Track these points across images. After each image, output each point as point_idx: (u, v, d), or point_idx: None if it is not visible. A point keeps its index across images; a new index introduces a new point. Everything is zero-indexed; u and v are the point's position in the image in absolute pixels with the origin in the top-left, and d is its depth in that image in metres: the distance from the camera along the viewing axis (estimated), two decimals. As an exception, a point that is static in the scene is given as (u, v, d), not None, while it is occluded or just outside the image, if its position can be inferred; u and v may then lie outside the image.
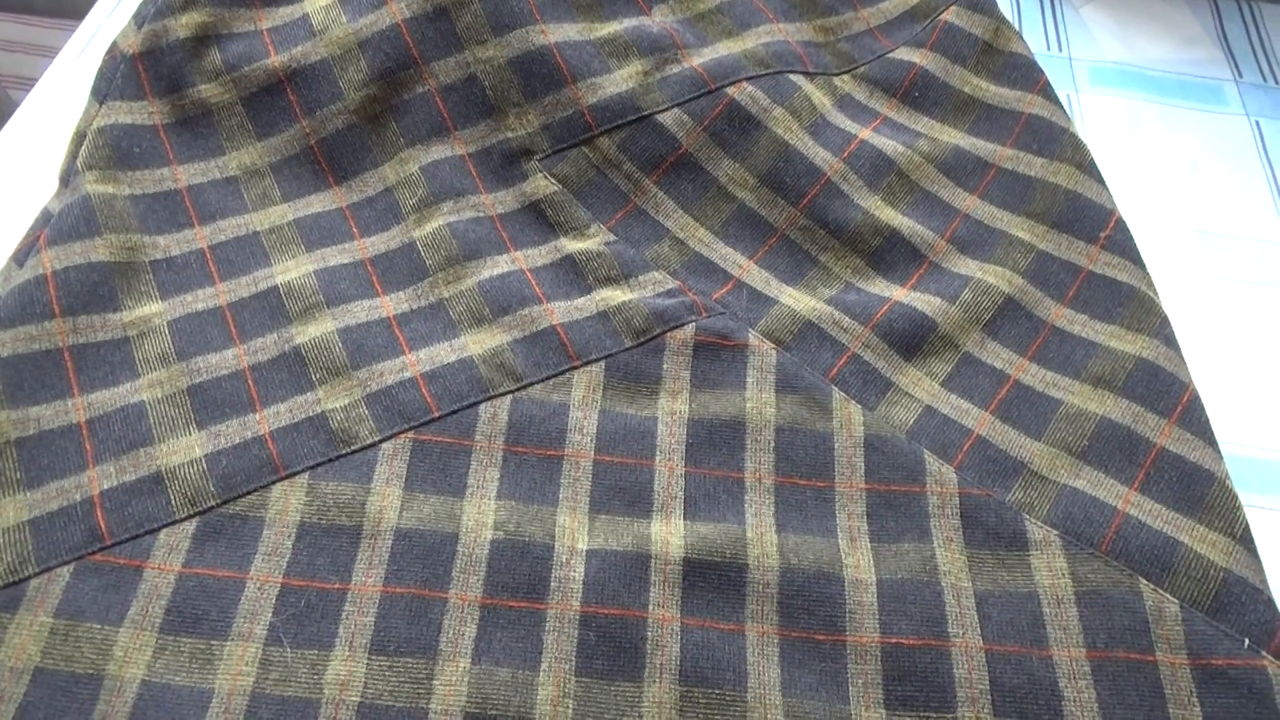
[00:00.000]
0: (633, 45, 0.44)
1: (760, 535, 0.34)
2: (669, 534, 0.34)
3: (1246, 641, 0.31)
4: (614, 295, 0.39)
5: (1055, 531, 0.34)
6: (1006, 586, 0.33)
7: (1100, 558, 0.34)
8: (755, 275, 0.41)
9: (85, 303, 0.36)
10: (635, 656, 0.31)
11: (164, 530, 0.32)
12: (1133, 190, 0.47)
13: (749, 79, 0.44)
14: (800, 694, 0.31)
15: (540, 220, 0.42)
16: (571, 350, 0.38)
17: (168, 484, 0.33)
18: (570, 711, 0.30)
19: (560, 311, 0.39)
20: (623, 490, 0.35)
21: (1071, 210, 0.43)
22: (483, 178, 0.42)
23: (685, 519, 0.34)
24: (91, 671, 0.30)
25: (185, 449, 0.34)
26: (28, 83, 0.82)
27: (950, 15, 0.49)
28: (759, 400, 0.37)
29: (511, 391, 0.37)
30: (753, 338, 0.39)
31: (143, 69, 0.42)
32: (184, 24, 0.43)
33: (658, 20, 0.47)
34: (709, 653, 0.32)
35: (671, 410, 0.37)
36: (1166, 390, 0.37)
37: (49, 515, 0.32)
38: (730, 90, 0.44)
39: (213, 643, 0.31)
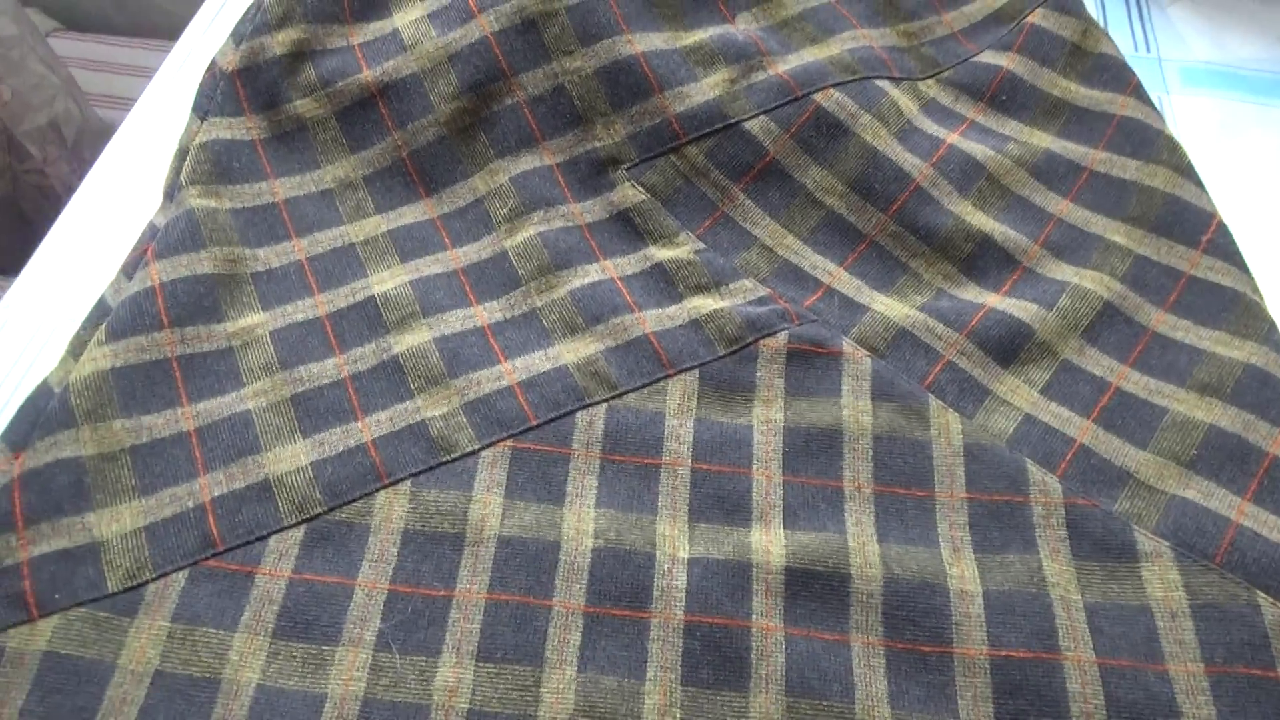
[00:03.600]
0: (719, 53, 0.44)
1: (862, 545, 0.34)
2: (769, 543, 0.34)
3: (1375, 658, 0.30)
4: (705, 303, 0.39)
5: (1166, 543, 0.33)
6: (1117, 599, 0.32)
7: (1215, 570, 0.33)
8: (846, 282, 0.41)
9: (191, 314, 0.37)
10: (741, 666, 0.31)
11: (274, 536, 0.33)
12: (1232, 193, 0.46)
13: (835, 85, 0.44)
14: (909, 706, 0.31)
15: (629, 229, 0.42)
16: (665, 358, 0.38)
17: (276, 491, 0.34)
18: (677, 720, 0.30)
19: (652, 320, 0.39)
20: (721, 499, 0.35)
21: (1170, 214, 0.42)
22: (571, 187, 0.42)
23: (785, 528, 0.34)
24: (209, 675, 0.30)
25: (291, 457, 0.35)
26: (114, 101, 0.85)
27: (1036, 17, 0.48)
28: (855, 408, 0.37)
29: (607, 400, 0.37)
30: (847, 345, 0.38)
31: (241, 86, 0.43)
32: (280, 41, 0.44)
33: (742, 28, 0.47)
34: (814, 663, 0.31)
35: (766, 418, 0.37)
36: (1277, 398, 0.36)
37: (164, 521, 0.33)
38: (817, 97, 0.43)
39: (324, 648, 0.31)
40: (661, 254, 0.41)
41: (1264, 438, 0.35)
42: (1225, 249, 0.40)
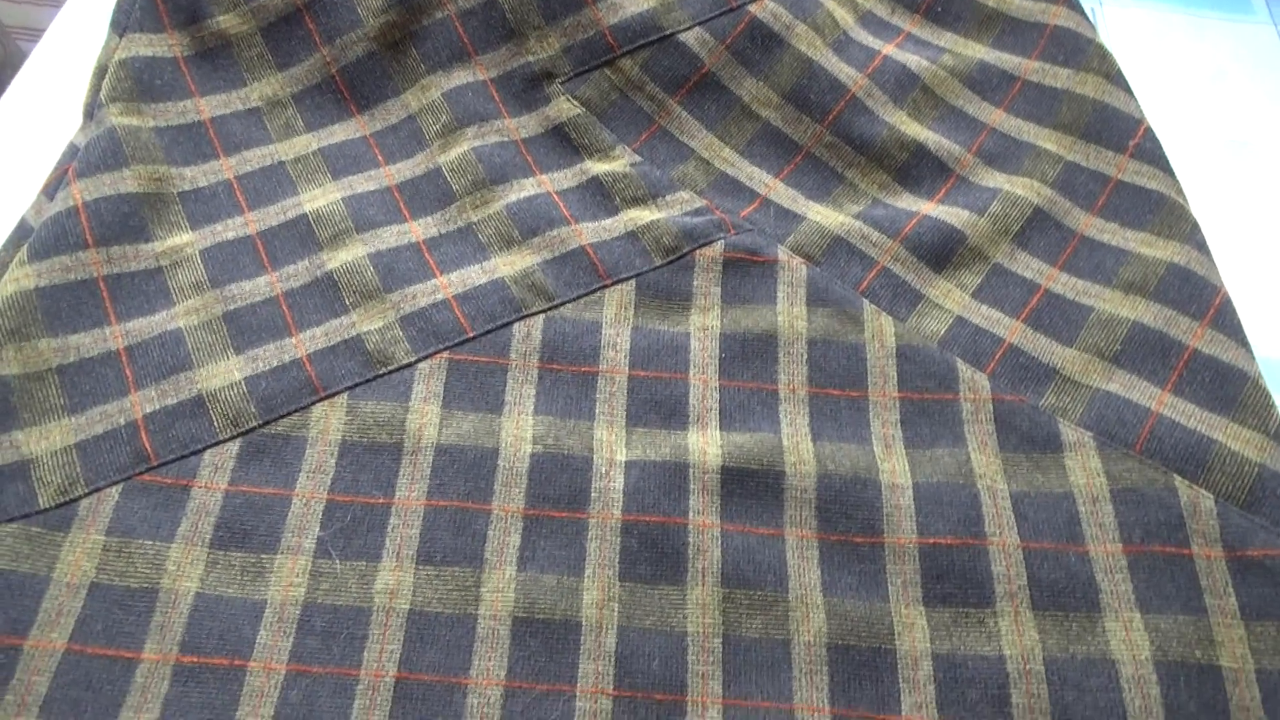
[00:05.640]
0: (652, -36, 0.44)
1: (796, 444, 0.34)
2: (706, 444, 0.34)
3: (1282, 533, 0.32)
4: (642, 215, 0.39)
5: (1089, 433, 0.34)
6: (1041, 487, 0.33)
7: (1134, 457, 0.34)
8: (782, 193, 0.41)
9: (117, 233, 0.37)
10: (677, 561, 0.32)
11: (208, 450, 0.33)
12: (1160, 102, 0.47)
13: (770, -4, 0.44)
14: (841, 594, 0.31)
15: (565, 143, 0.41)
16: (602, 269, 0.38)
17: (209, 406, 0.34)
18: (615, 614, 0.31)
19: (589, 232, 0.39)
20: (658, 404, 0.35)
21: (1099, 120, 0.42)
22: (505, 102, 0.42)
23: (721, 430, 0.35)
24: (146, 585, 0.30)
25: (224, 373, 0.34)
26: (35, 34, 0.81)
27: (972, -72, 0.48)
28: (790, 314, 0.37)
29: (544, 310, 0.37)
30: (782, 253, 0.39)
31: (160, 0, 0.42)
32: (199, -46, 0.42)
33: (676, -61, 0.46)
34: (749, 556, 0.32)
35: (703, 325, 0.37)
36: (1198, 294, 0.37)
37: (94, 438, 0.33)
38: (752, 8, 0.43)
39: (263, 556, 0.31)
40: (597, 168, 0.41)
41: (1184, 332, 0.36)
42: (1152, 153, 0.41)
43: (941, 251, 0.39)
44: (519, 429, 0.34)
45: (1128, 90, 0.43)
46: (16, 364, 0.33)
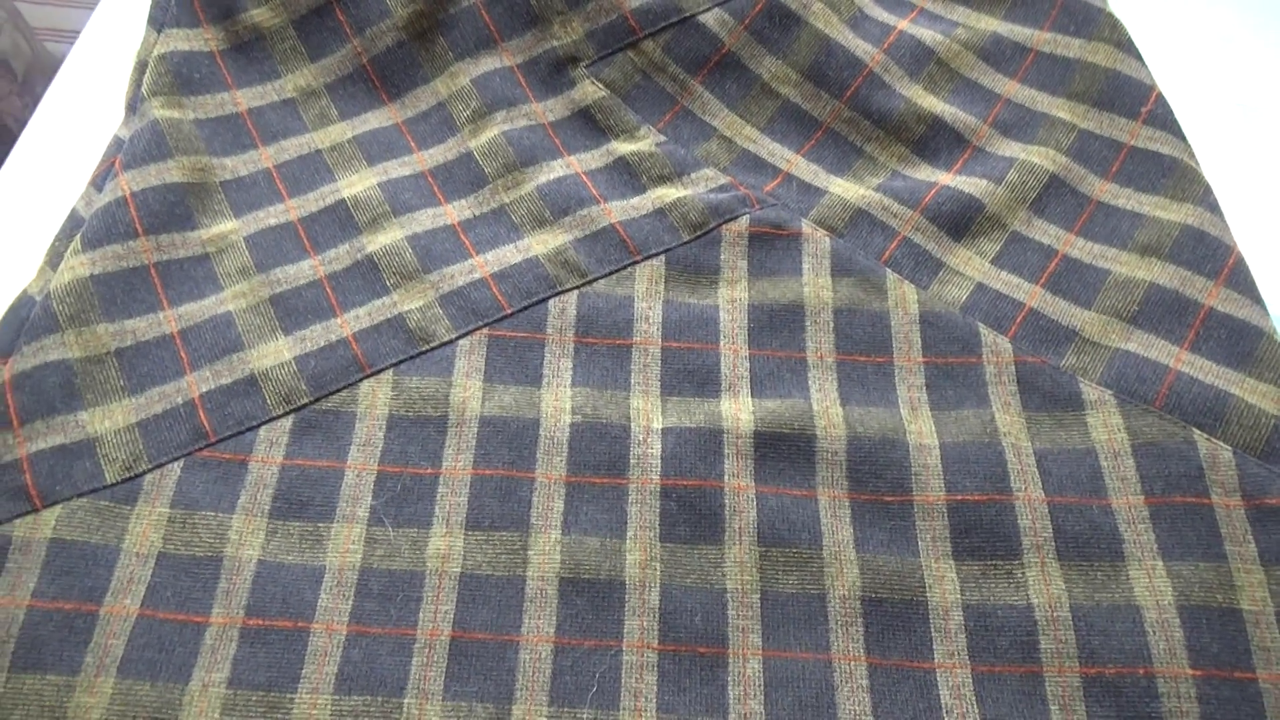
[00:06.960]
0: (671, -53, 0.45)
1: (826, 408, 0.35)
2: (738, 410, 0.35)
3: (1299, 481, 0.33)
4: (668, 193, 0.41)
5: (1109, 391, 0.36)
6: (1064, 444, 0.35)
7: (1154, 412, 0.35)
8: (803, 168, 0.42)
9: (165, 222, 0.38)
10: (715, 522, 0.33)
11: (263, 427, 0.34)
12: (1170, 67, 0.48)
13: (787, -24, 0.45)
14: (873, 550, 0.33)
15: (591, 125, 0.43)
16: (632, 246, 0.39)
17: (262, 385, 0.35)
18: (658, 573, 0.32)
19: (618, 210, 0.40)
20: (691, 373, 0.36)
21: (1111, 88, 0.43)
22: (532, 87, 0.43)
23: (753, 396, 0.36)
24: (211, 554, 0.32)
25: (275, 353, 0.36)
26: (61, 35, 0.83)
27: (982, -96, 0.49)
28: (816, 284, 0.38)
29: (578, 287, 0.38)
30: (806, 226, 0.40)
31: (195, -4, 0.43)
32: (232, -50, 0.43)
33: (693, -77, 0.47)
34: (784, 516, 0.33)
35: (731, 298, 0.38)
36: (1212, 254, 0.38)
37: (154, 417, 0.34)
38: (769, -13, 0.44)
39: (319, 525, 0.33)
40: (624, 148, 0.42)
41: (1200, 291, 0.37)
42: (1164, 119, 0.42)
43: (961, 220, 0.40)
44: (558, 400, 0.35)
45: (1139, 58, 0.44)
46: (78, 348, 0.35)
